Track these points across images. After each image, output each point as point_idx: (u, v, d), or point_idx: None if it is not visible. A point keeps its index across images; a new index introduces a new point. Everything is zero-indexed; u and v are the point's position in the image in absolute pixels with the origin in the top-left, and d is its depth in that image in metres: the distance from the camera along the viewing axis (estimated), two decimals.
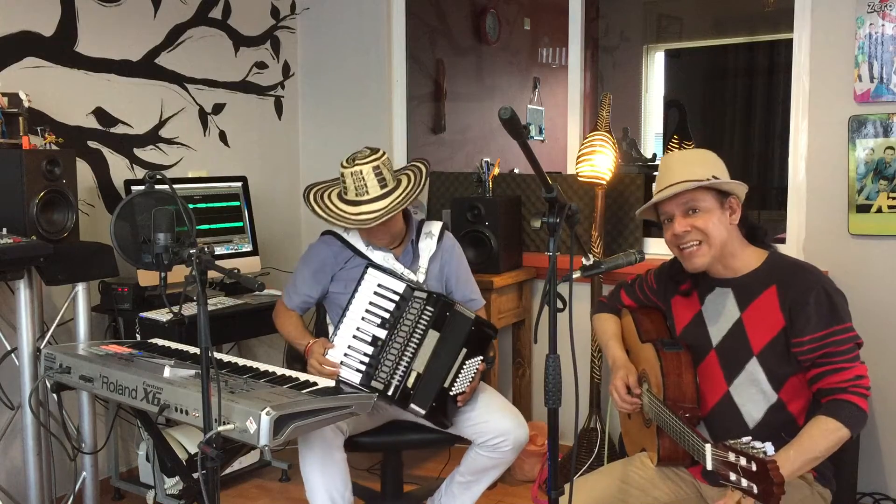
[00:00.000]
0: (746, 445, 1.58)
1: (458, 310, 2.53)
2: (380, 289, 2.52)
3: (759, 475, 1.54)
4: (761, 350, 2.01)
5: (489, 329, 2.61)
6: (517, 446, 2.53)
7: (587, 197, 3.45)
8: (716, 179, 2.01)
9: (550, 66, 5.75)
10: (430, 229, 2.73)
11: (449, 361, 2.49)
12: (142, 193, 2.19)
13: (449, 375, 2.48)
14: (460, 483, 2.63)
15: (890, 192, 2.93)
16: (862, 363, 1.94)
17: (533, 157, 1.67)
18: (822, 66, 3.05)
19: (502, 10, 5.37)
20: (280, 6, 4.11)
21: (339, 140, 4.16)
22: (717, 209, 2.02)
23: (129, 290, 3.04)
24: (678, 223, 2.04)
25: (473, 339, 2.52)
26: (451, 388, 2.49)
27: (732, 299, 2.07)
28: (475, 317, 2.56)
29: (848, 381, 1.91)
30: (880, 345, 2.96)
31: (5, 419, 2.91)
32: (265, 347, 3.89)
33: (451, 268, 2.74)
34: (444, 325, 2.49)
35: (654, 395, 2.08)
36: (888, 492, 3.02)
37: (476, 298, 2.79)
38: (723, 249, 2.04)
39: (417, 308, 2.49)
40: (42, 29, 3.09)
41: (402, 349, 2.47)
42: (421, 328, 2.48)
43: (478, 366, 2.55)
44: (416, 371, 2.46)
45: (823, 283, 1.98)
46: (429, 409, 2.46)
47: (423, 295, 2.50)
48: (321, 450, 2.39)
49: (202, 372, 1.91)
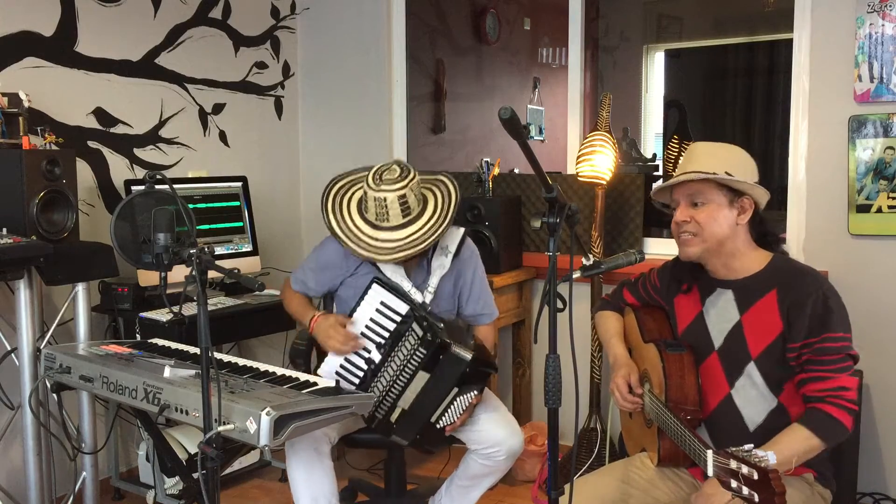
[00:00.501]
0: (748, 453, 1.58)
1: (453, 352, 2.35)
2: (382, 307, 2.44)
3: (761, 484, 1.54)
4: (759, 354, 2.00)
5: (487, 368, 2.45)
6: (511, 455, 2.51)
7: (587, 197, 3.45)
8: (729, 176, 1.99)
9: (550, 66, 5.75)
10: (447, 243, 2.56)
11: (438, 400, 2.39)
12: (142, 193, 2.19)
13: (436, 412, 2.40)
14: (459, 486, 2.63)
15: (890, 192, 2.93)
16: (852, 376, 1.92)
17: (533, 157, 1.67)
18: (822, 66, 3.05)
19: (502, 10, 5.37)
20: (280, 6, 4.11)
21: (339, 140, 4.17)
22: (724, 206, 2.01)
23: (129, 290, 3.04)
24: (680, 211, 2.04)
25: (468, 378, 2.39)
26: (437, 422, 2.42)
27: (732, 301, 2.07)
28: (472, 358, 2.35)
29: (828, 390, 1.89)
30: (880, 345, 2.96)
31: (5, 419, 2.91)
32: (265, 347, 3.89)
33: (464, 280, 2.62)
34: (435, 367, 2.36)
35: (656, 396, 2.08)
36: (888, 492, 3.02)
37: (486, 313, 2.69)
38: (721, 247, 2.03)
39: (412, 344, 2.37)
40: (42, 29, 3.09)
41: (391, 384, 2.40)
42: (411, 367, 2.37)
43: (472, 399, 2.43)
44: (401, 407, 2.40)
45: (824, 290, 1.96)
46: (412, 441, 2.44)
47: (419, 332, 2.36)
48: (307, 456, 2.37)
49: (202, 372, 1.91)
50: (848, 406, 1.89)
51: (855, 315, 2.00)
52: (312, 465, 2.37)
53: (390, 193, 2.35)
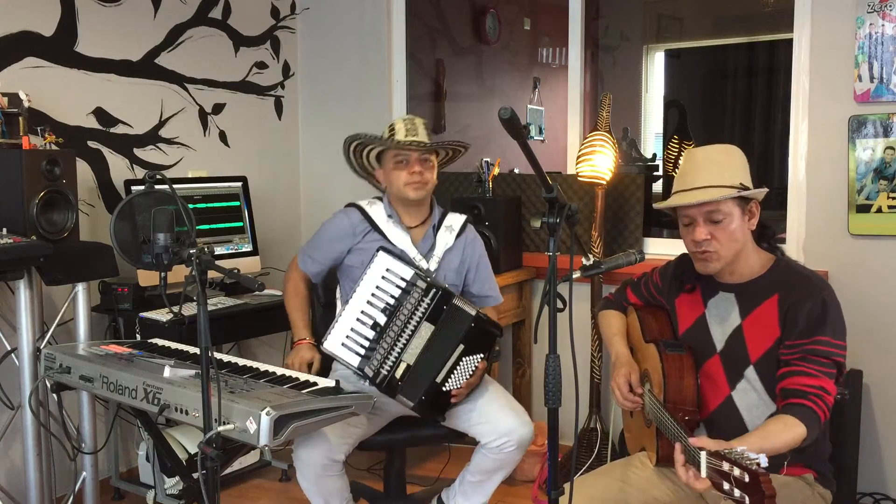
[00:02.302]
0: (741, 455, 1.58)
1: (457, 304, 2.46)
2: (388, 273, 2.49)
3: (752, 486, 1.54)
4: (758, 359, 2.00)
5: (493, 328, 2.54)
6: (522, 445, 2.52)
7: (587, 197, 3.45)
8: (744, 188, 1.98)
9: (550, 66, 5.74)
10: (451, 223, 2.70)
11: (443, 356, 2.44)
12: (142, 193, 2.19)
13: (442, 370, 2.44)
14: (471, 482, 2.63)
15: (890, 192, 2.93)
16: (833, 382, 1.90)
17: (533, 157, 1.67)
18: (822, 66, 3.05)
19: (502, 10, 5.37)
20: (280, 6, 4.11)
21: (339, 140, 4.13)
22: (738, 217, 1.99)
23: (129, 290, 3.04)
24: (699, 230, 2.00)
25: (473, 336, 2.47)
26: (444, 384, 2.45)
27: (735, 305, 2.06)
28: (477, 313, 2.47)
29: (811, 387, 1.87)
30: (880, 345, 2.96)
31: (5, 419, 2.91)
32: (265, 347, 3.89)
33: (471, 259, 2.71)
34: (440, 318, 2.45)
35: (655, 397, 2.08)
36: (888, 492, 3.02)
37: (492, 295, 2.77)
38: (735, 256, 2.03)
39: (416, 298, 2.45)
40: (42, 29, 3.09)
41: (396, 338, 2.44)
42: (416, 319, 2.44)
43: (477, 363, 2.49)
44: (405, 362, 2.43)
45: (824, 295, 1.95)
46: (418, 402, 2.44)
47: (423, 285, 2.46)
48: (318, 478, 2.38)
49: (202, 372, 1.91)
50: (824, 407, 1.87)
51: (855, 315, 2.00)
52: (326, 487, 2.39)
53: (417, 118, 2.60)
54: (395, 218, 2.63)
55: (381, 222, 2.63)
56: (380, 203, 2.68)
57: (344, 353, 2.46)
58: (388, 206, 2.65)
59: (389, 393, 2.44)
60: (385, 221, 2.63)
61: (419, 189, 2.58)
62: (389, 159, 2.60)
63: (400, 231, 2.62)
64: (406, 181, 2.57)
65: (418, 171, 2.57)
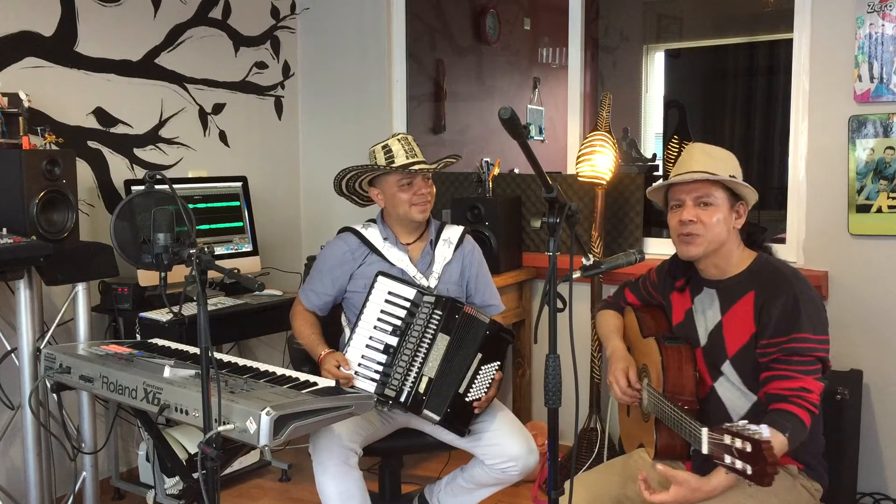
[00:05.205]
0: (742, 428, 1.59)
1: (469, 313, 2.48)
2: (390, 296, 2.49)
3: (754, 455, 1.55)
4: (734, 354, 2.04)
5: (506, 334, 2.57)
6: (525, 472, 2.52)
7: (587, 197, 3.45)
8: (733, 179, 2.03)
9: (550, 66, 5.75)
10: (449, 236, 2.70)
11: (463, 366, 2.45)
12: (142, 193, 2.19)
13: (464, 381, 2.44)
14: (462, 487, 2.63)
15: (890, 192, 2.93)
16: (818, 380, 1.91)
17: (533, 157, 1.67)
18: (822, 66, 3.05)
19: (502, 10, 5.37)
20: (280, 6, 4.11)
21: (339, 140, 4.17)
22: (726, 209, 2.04)
23: (129, 290, 3.04)
24: (687, 210, 2.04)
25: (489, 344, 2.49)
26: (466, 395, 2.45)
27: (717, 301, 2.10)
28: (490, 321, 2.51)
29: (791, 390, 1.89)
30: (880, 345, 2.96)
31: (5, 419, 2.91)
32: (265, 347, 3.89)
33: (471, 271, 2.71)
34: (454, 329, 2.45)
35: (654, 389, 2.09)
36: (888, 492, 3.02)
37: (495, 304, 2.77)
38: (719, 248, 2.06)
39: (426, 312, 2.46)
40: (42, 29, 3.09)
41: (413, 354, 2.44)
42: (430, 332, 2.45)
43: (494, 374, 2.51)
44: (427, 376, 2.43)
45: (796, 291, 1.96)
46: (444, 416, 2.43)
47: (431, 299, 2.47)
48: (338, 471, 2.36)
49: (202, 372, 1.91)
50: (808, 406, 1.88)
51: (855, 315, 2.00)
52: (342, 480, 2.36)
53: (409, 137, 2.64)
54: (392, 238, 2.64)
55: (379, 244, 2.63)
56: (374, 225, 2.68)
57: (359, 382, 2.45)
58: (384, 228, 2.65)
59: (415, 409, 2.44)
60: (382, 243, 2.63)
61: (425, 210, 2.61)
62: (392, 183, 2.59)
63: (398, 251, 2.63)
64: (412, 202, 2.58)
65: (425, 192, 2.59)
